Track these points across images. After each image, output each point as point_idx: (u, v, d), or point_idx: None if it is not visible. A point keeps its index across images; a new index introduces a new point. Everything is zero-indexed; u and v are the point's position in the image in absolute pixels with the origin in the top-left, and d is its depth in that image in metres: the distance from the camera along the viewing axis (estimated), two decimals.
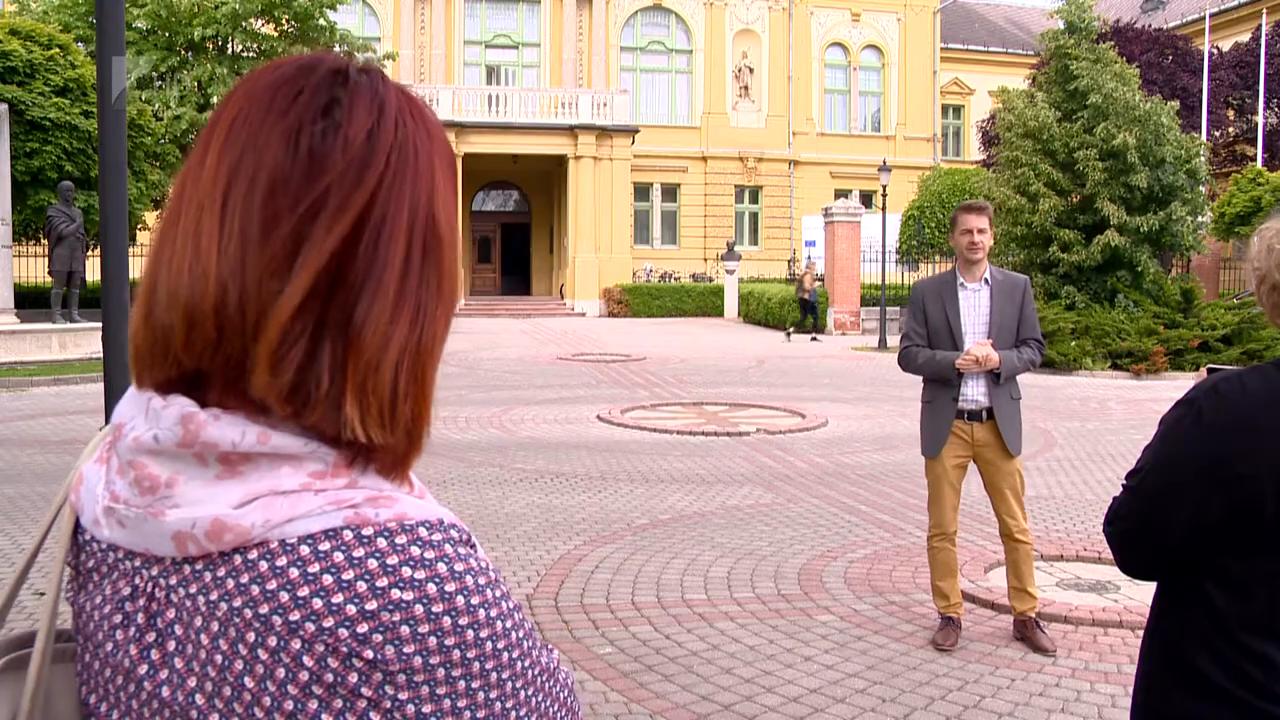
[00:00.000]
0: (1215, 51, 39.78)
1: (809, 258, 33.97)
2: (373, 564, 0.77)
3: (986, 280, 5.44)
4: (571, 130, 37.31)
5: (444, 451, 10.71)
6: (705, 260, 42.47)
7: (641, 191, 42.80)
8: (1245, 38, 40.61)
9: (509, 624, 0.82)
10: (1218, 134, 38.66)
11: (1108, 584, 6.47)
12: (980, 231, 5.35)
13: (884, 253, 28.33)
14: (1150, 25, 42.99)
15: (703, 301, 36.91)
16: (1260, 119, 38.22)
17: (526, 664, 0.83)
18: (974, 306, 5.41)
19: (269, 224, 0.80)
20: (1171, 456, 1.78)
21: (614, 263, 37.76)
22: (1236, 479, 1.67)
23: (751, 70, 44.64)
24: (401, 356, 0.82)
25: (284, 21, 29.01)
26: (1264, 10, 40.91)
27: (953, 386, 5.40)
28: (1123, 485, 1.89)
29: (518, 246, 43.61)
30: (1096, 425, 13.20)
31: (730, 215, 44.25)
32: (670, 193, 44.16)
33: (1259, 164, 35.47)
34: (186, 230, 0.82)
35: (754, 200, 45.06)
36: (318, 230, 0.80)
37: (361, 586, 0.77)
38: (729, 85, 44.43)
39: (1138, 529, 1.85)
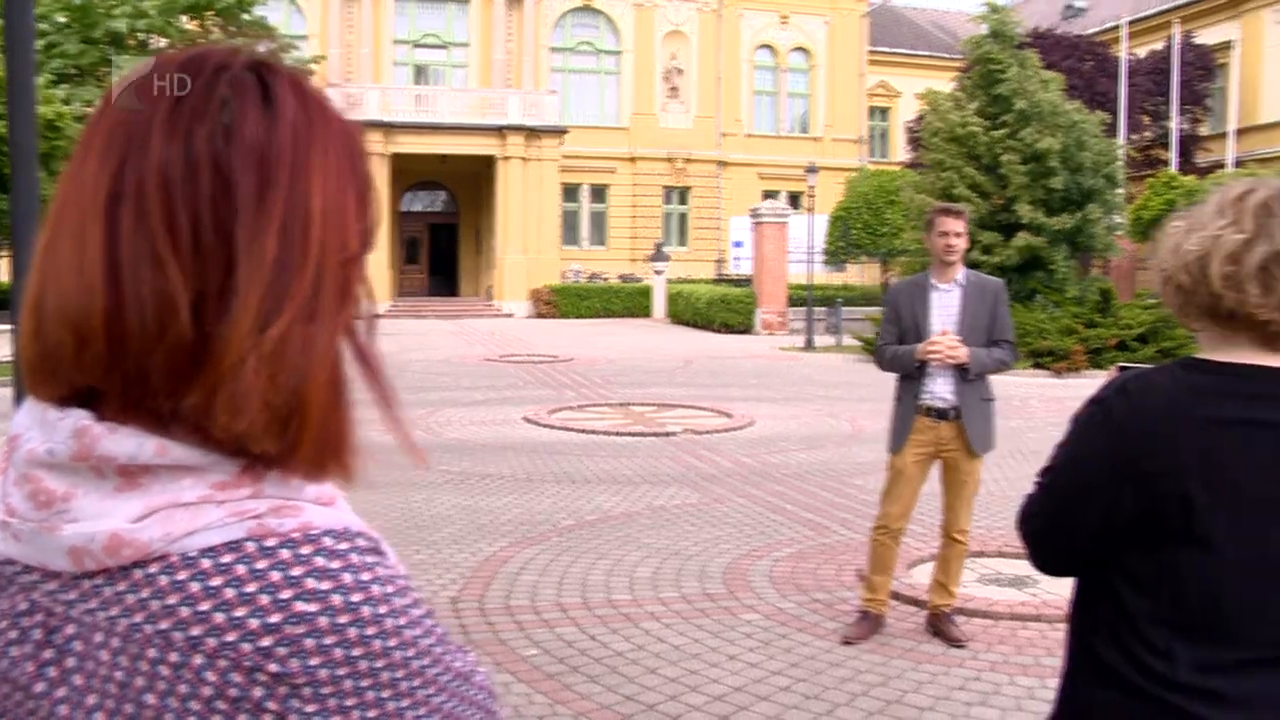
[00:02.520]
0: (1132, 58, 40.63)
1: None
2: (276, 576, 0.76)
3: (959, 282, 5.50)
4: (500, 131, 37.18)
5: (370, 453, 10.59)
6: (633, 261, 42.49)
7: (570, 192, 42.72)
8: (1160, 46, 41.59)
9: (418, 632, 0.81)
10: (1135, 138, 39.47)
11: (1027, 579, 6.59)
12: (957, 235, 5.43)
13: (810, 253, 28.55)
14: (1070, 32, 43.80)
15: (631, 302, 36.95)
16: (1174, 125, 39.20)
17: (438, 671, 0.82)
18: (944, 307, 5.46)
19: (170, 237, 0.76)
20: (1081, 455, 1.82)
21: (542, 263, 37.68)
22: (1143, 476, 1.71)
23: (680, 71, 44.74)
24: (289, 361, 0.78)
25: (209, 18, 28.53)
26: (1177, 20, 41.98)
27: (918, 383, 5.45)
28: (1035, 483, 1.93)
29: (446, 247, 43.30)
30: (1018, 423, 13.41)
31: (659, 216, 44.32)
32: (599, 193, 44.14)
33: (1173, 168, 36.30)
34: (70, 240, 0.78)
35: (682, 201, 45.17)
36: (240, 236, 0.77)
37: (264, 599, 0.75)
38: (658, 86, 44.48)
39: (1049, 526, 1.88)
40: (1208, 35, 42.46)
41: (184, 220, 0.77)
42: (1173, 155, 38.72)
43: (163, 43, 28.77)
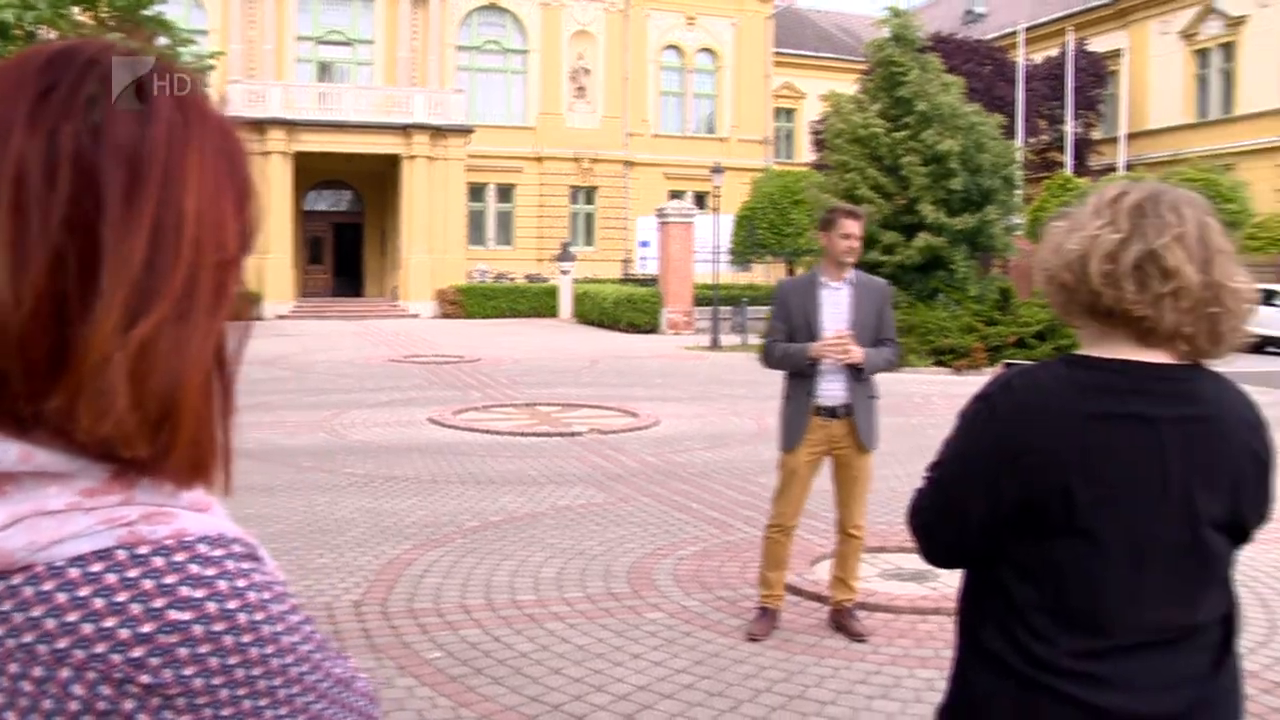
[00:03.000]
0: (1029, 64, 41.63)
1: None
2: (148, 584, 0.74)
3: (849, 281, 5.57)
4: (405, 129, 36.79)
5: (271, 457, 10.46)
6: (540, 261, 42.37)
7: (476, 192, 42.48)
8: (1055, 52, 42.71)
9: (296, 638, 0.80)
10: (1032, 141, 40.41)
11: (927, 573, 6.69)
12: (859, 238, 5.51)
13: (716, 253, 28.73)
14: (970, 37, 44.73)
15: (537, 302, 36.83)
16: (1069, 129, 40.30)
17: (317, 677, 0.81)
18: (835, 305, 5.52)
19: (23, 235, 0.74)
20: (968, 449, 1.86)
21: (448, 263, 37.38)
22: (1026, 470, 1.76)
23: (587, 71, 44.73)
24: (159, 363, 0.77)
25: (103, 11, 27.79)
26: (1070, 28, 43.14)
27: (811, 382, 5.50)
28: (924, 478, 1.97)
29: (350, 247, 42.72)
30: (920, 420, 13.63)
31: (565, 216, 44.28)
32: (505, 193, 43.95)
33: (1068, 171, 37.31)
34: None
35: (589, 201, 45.17)
36: (107, 236, 0.75)
37: (136, 609, 0.73)
38: (565, 86, 44.42)
39: (937, 520, 1.93)
40: (1099, 43, 43.75)
41: (38, 218, 0.75)
42: (1068, 158, 39.81)
43: (53, 35, 27.99)
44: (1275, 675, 5.25)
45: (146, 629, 0.74)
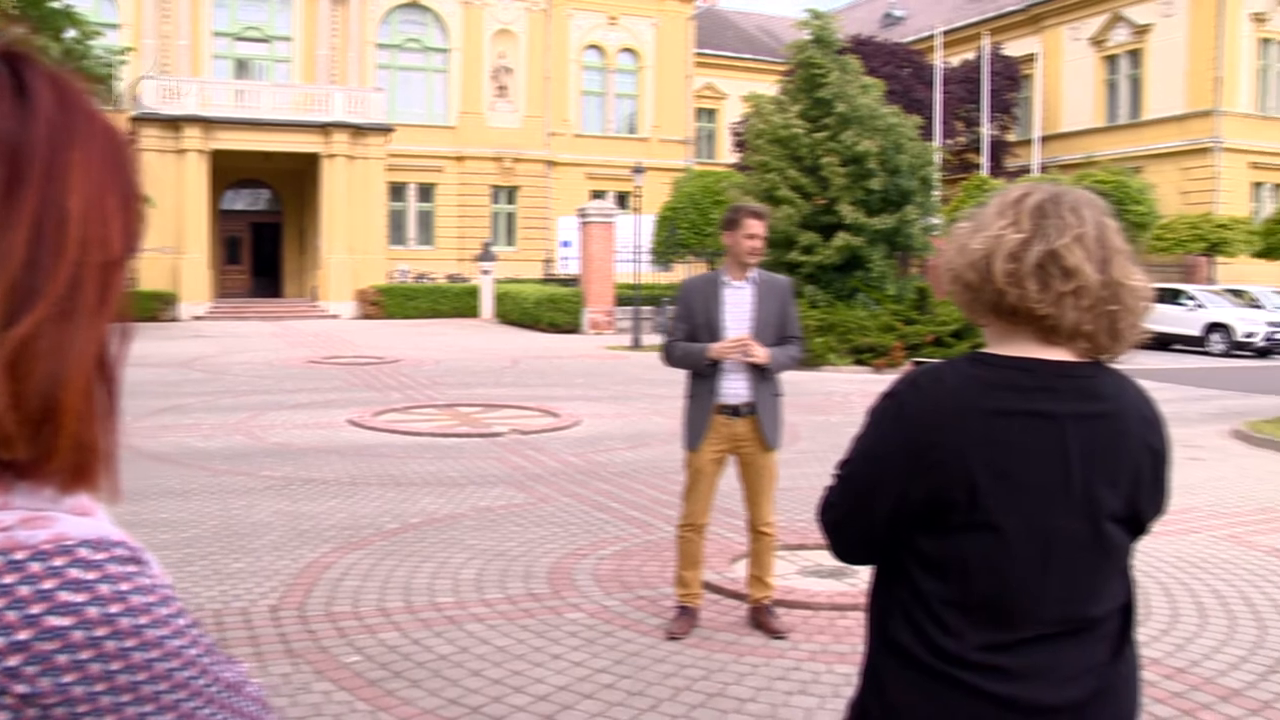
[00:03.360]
0: (946, 66, 42.31)
1: None
2: (25, 590, 0.72)
3: (751, 279, 5.60)
4: (324, 128, 36.34)
5: (186, 460, 10.28)
6: (461, 261, 42.10)
7: (397, 191, 42.13)
8: (972, 56, 43.51)
9: (182, 642, 0.78)
10: (949, 143, 41.05)
11: (845, 570, 6.76)
12: (762, 237, 5.54)
13: (637, 253, 28.77)
14: (890, 40, 45.33)
15: (459, 302, 36.61)
16: (985, 131, 41.03)
17: (205, 682, 0.80)
18: (737, 304, 5.55)
19: None
20: (875, 446, 1.89)
21: (368, 263, 37.00)
22: (933, 466, 1.78)
23: (509, 70, 44.54)
24: (39, 363, 0.76)
25: (7, 3, 27.15)
26: (986, 32, 43.96)
27: (714, 381, 5.52)
28: (834, 475, 1.99)
29: (269, 247, 42.10)
30: (840, 418, 13.77)
31: (487, 216, 44.08)
32: (426, 193, 43.63)
33: (984, 172, 37.98)
34: None
35: (510, 201, 45.01)
36: None
37: (11, 616, 0.72)
38: (486, 85, 44.21)
39: (846, 516, 1.95)
40: (1014, 48, 44.69)
41: None
42: (984, 160, 40.49)
43: None
44: (1177, 662, 5.38)
45: (22, 636, 0.72)
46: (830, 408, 15.04)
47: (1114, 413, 1.84)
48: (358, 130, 36.76)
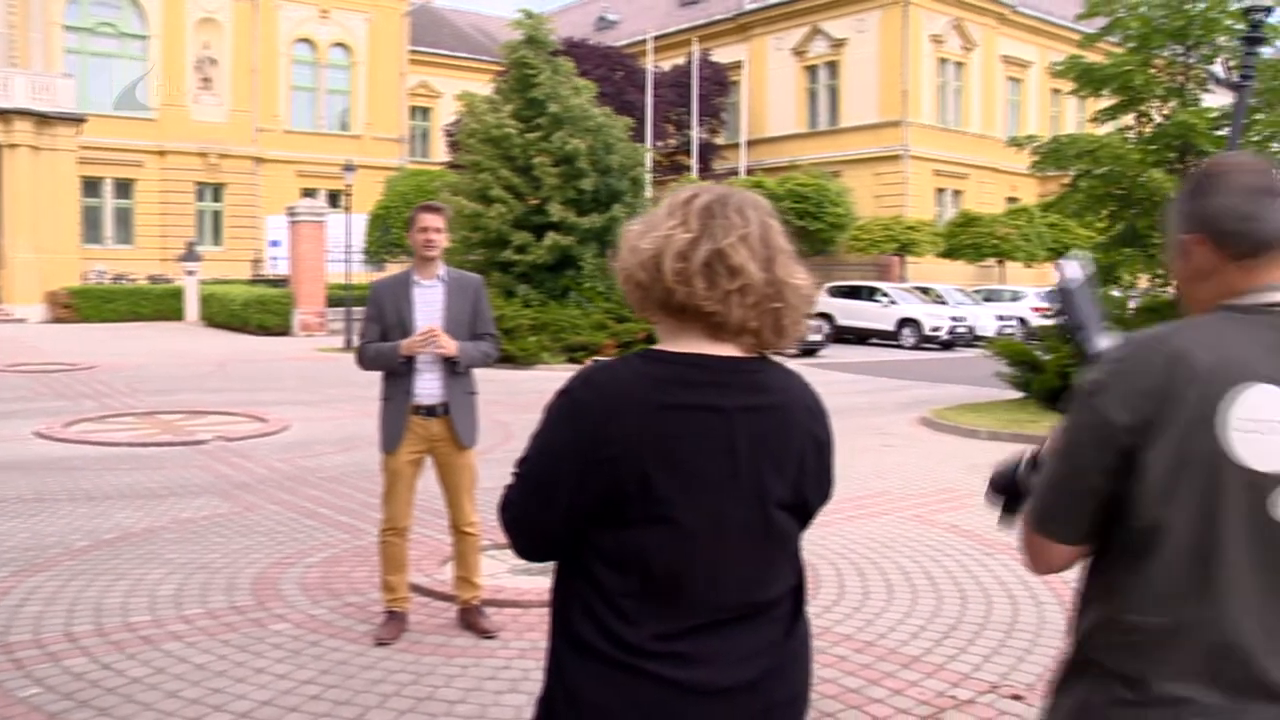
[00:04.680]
0: (658, 70, 43.40)
1: None
2: None
3: (441, 278, 5.57)
4: (5, 115, 33.77)
5: None
6: (164, 261, 40.09)
7: (91, 186, 39.76)
8: (682, 61, 44.80)
9: None
10: (660, 145, 42.10)
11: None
12: (437, 230, 5.48)
13: (349, 253, 28.18)
14: (603, 43, 46.08)
15: (161, 304, 34.80)
16: (694, 134, 42.36)
17: None
18: (428, 303, 5.51)
19: None
20: (551, 443, 1.91)
21: (59, 263, 34.61)
22: (606, 461, 1.82)
23: (214, 62, 42.74)
24: None
25: None
26: (696, 38, 45.42)
27: (408, 381, 5.47)
28: (513, 473, 2.00)
29: None
30: None
31: (191, 214, 42.17)
32: (124, 188, 41.36)
33: (694, 174, 39.18)
34: None
35: (217, 198, 43.23)
36: None
37: None
38: (190, 76, 42.25)
39: (525, 514, 1.96)
40: (722, 54, 46.35)
41: None
42: (694, 162, 41.74)
43: None
44: (866, 636, 5.73)
45: None
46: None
47: (780, 405, 1.93)
48: (43, 119, 34.35)
